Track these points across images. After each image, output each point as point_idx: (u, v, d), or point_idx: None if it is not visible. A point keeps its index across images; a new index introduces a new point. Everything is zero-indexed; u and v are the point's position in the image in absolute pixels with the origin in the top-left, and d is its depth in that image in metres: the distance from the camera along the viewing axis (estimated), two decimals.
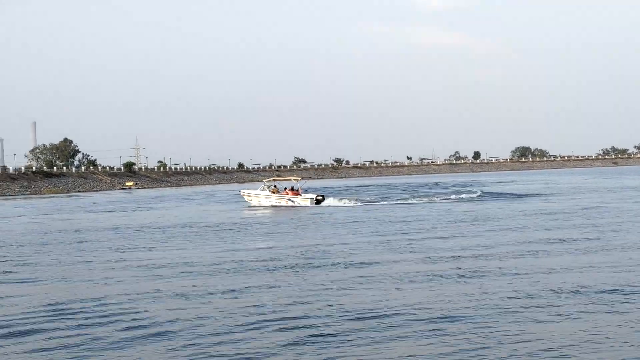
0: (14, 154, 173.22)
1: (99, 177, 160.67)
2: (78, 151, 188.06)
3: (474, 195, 63.93)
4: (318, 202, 57.77)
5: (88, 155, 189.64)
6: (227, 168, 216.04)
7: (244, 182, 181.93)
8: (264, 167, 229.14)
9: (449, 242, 27.48)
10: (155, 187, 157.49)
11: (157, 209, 60.08)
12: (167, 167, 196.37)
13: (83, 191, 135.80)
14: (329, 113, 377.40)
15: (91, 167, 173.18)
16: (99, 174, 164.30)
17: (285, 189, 61.20)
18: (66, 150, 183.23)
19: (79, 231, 38.49)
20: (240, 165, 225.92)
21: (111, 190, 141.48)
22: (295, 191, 59.80)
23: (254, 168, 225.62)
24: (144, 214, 53.65)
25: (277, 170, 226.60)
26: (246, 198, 62.44)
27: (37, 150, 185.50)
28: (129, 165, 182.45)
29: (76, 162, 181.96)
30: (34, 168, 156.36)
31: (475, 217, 39.66)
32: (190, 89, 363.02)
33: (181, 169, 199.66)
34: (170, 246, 29.42)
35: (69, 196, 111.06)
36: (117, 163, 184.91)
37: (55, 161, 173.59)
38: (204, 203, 68.79)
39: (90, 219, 49.47)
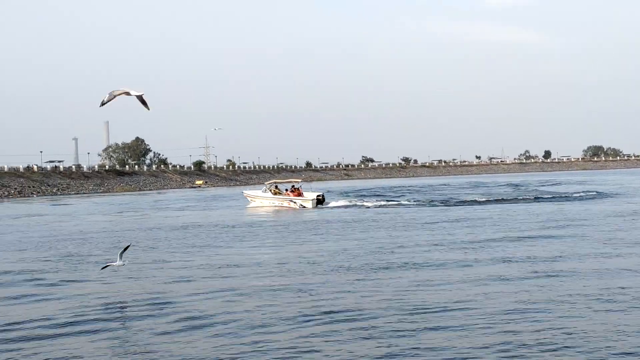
0: (88, 153, 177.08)
1: (169, 176, 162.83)
2: (149, 150, 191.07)
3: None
4: (319, 202, 57.11)
5: (159, 154, 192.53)
6: (295, 167, 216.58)
7: (312, 181, 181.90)
8: (332, 166, 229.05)
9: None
10: (224, 185, 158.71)
11: (227, 208, 60.08)
12: (236, 166, 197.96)
13: (154, 189, 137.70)
14: (398, 112, 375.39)
15: (162, 166, 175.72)
16: (169, 173, 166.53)
17: (287, 190, 60.89)
18: (138, 149, 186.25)
19: (151, 229, 38.52)
20: (308, 164, 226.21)
21: (181, 188, 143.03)
22: (296, 192, 59.32)
23: (322, 167, 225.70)
24: (215, 212, 53.68)
25: (345, 169, 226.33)
26: (249, 199, 62.57)
27: (110, 149, 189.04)
28: (198, 164, 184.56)
29: (147, 161, 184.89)
30: (107, 167, 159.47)
31: (558, 219, 38.23)
32: (258, 89, 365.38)
33: (249, 167, 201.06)
34: (241, 244, 29.12)
35: (141, 194, 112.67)
36: (187, 162, 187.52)
37: (127, 160, 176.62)
38: None
39: (161, 217, 49.66)
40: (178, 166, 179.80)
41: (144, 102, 16.37)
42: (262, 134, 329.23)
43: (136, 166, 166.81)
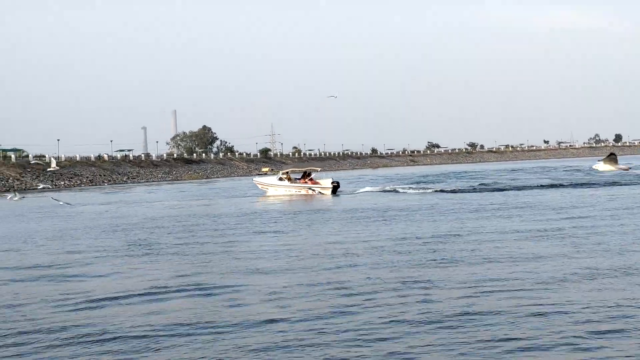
0: (157, 142, 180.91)
1: (236, 164, 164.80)
2: (216, 138, 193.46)
3: None
4: (334, 189, 57.14)
5: (226, 142, 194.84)
6: (361, 153, 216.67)
7: (377, 167, 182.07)
8: (397, 152, 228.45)
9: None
10: None
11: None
12: (302, 153, 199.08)
13: (221, 177, 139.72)
14: (464, 97, 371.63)
15: (229, 154, 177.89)
16: (236, 160, 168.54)
17: (301, 177, 60.68)
18: (205, 137, 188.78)
19: (218, 216, 39.42)
20: (374, 151, 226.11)
21: (247, 176, 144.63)
22: (311, 179, 59.59)
23: (387, 153, 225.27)
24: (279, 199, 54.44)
25: (410, 155, 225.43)
26: (260, 187, 61.67)
27: (178, 138, 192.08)
28: (264, 152, 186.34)
29: (214, 149, 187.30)
30: (175, 155, 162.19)
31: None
32: (323, 76, 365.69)
33: (315, 154, 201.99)
34: (309, 230, 29.68)
35: (208, 182, 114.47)
36: (253, 149, 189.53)
37: (194, 148, 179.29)
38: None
39: (229, 204, 50.63)
40: (244, 154, 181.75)
41: None
42: (328, 121, 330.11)
43: (203, 154, 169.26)
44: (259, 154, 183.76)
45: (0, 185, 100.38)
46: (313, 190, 57.37)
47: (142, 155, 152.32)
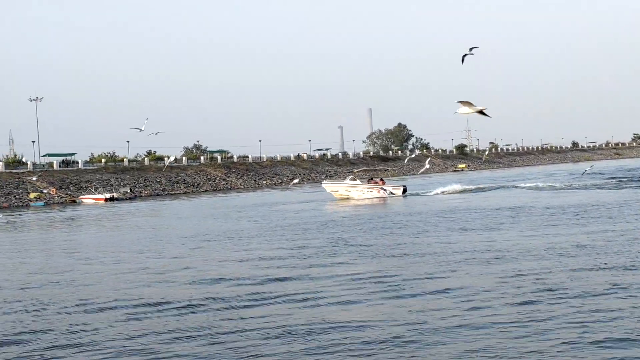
0: (353, 140, 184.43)
1: (431, 160, 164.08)
2: (412, 135, 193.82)
3: None
4: (404, 190, 58.34)
5: (421, 139, 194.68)
6: (560, 147, 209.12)
7: (579, 161, 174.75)
8: (600, 145, 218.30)
9: None
10: (487, 168, 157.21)
11: (498, 191, 59.53)
12: (499, 148, 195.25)
13: (417, 174, 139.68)
14: None
15: (424, 150, 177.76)
16: (431, 157, 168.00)
17: (371, 179, 61.32)
18: (400, 134, 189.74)
19: (418, 213, 39.52)
20: (575, 144, 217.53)
21: (443, 172, 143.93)
22: (382, 180, 60.85)
23: (589, 146, 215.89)
24: (483, 195, 53.65)
25: (614, 148, 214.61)
26: (329, 190, 60.85)
27: (374, 136, 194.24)
28: (460, 148, 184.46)
29: (410, 146, 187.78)
30: (371, 153, 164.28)
31: None
32: (523, 69, 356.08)
33: (512, 149, 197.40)
34: (504, 229, 29.10)
35: (404, 179, 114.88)
36: (449, 146, 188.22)
37: (390, 146, 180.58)
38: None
39: (422, 202, 50.56)
40: (440, 150, 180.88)
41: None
42: (526, 114, 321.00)
43: (399, 151, 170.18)
44: (454, 150, 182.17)
45: (208, 184, 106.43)
46: (385, 190, 58.51)
47: (339, 153, 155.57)
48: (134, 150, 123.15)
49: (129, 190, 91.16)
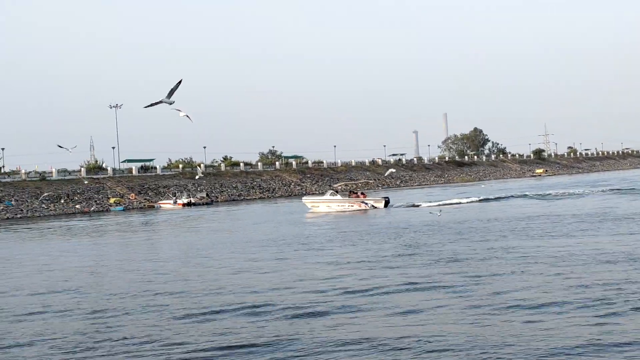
0: (428, 145, 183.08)
1: (508, 165, 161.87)
2: (487, 140, 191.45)
3: None
4: (385, 204, 57.46)
5: (497, 144, 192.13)
6: None
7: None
8: None
9: None
10: (566, 173, 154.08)
11: (568, 198, 58.24)
12: (577, 153, 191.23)
13: (493, 179, 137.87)
14: None
15: (501, 156, 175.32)
16: (508, 162, 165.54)
17: (353, 192, 60.71)
18: (476, 139, 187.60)
19: (495, 220, 38.85)
20: None
21: (520, 177, 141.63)
22: (363, 194, 60.45)
23: None
24: (559, 202, 52.48)
25: None
26: (310, 205, 59.66)
27: (449, 141, 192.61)
28: (538, 152, 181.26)
29: (486, 151, 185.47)
30: (446, 158, 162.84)
31: None
32: (602, 70, 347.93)
33: (592, 154, 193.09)
34: (581, 234, 28.29)
35: (480, 184, 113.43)
36: (526, 150, 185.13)
37: (466, 150, 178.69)
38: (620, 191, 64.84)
39: (499, 208, 49.73)
40: (517, 155, 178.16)
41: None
42: (606, 118, 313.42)
43: (475, 156, 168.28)
44: (532, 155, 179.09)
45: (283, 190, 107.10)
46: (366, 204, 57.83)
47: (414, 158, 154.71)
48: (211, 156, 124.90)
49: (205, 195, 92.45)
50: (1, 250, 38.48)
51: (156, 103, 20.44)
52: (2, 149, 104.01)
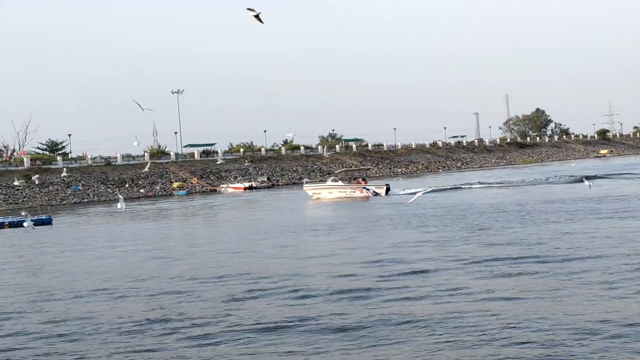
0: (489, 127, 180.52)
1: (571, 146, 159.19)
2: (550, 121, 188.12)
3: None
4: (387, 190, 56.86)
5: (560, 125, 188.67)
6: None
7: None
8: None
9: None
10: (632, 153, 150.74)
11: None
12: None
13: (556, 160, 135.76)
14: None
15: (564, 137, 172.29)
16: (571, 143, 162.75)
17: (354, 179, 60.57)
18: (538, 120, 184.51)
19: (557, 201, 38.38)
20: None
21: (584, 158, 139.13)
22: (364, 180, 60.20)
23: None
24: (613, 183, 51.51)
25: None
26: (311, 193, 58.88)
27: (511, 122, 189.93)
28: (602, 133, 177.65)
29: (548, 132, 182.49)
30: (508, 139, 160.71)
31: None
32: None
33: None
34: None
35: (543, 165, 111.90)
36: (589, 131, 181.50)
37: (528, 132, 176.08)
38: None
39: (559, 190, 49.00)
40: (580, 136, 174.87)
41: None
42: None
43: (537, 138, 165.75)
44: (596, 135, 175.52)
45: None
46: (367, 190, 57.19)
47: (475, 140, 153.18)
48: (271, 140, 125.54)
49: (266, 179, 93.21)
50: (100, 228, 39.51)
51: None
52: (69, 135, 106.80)
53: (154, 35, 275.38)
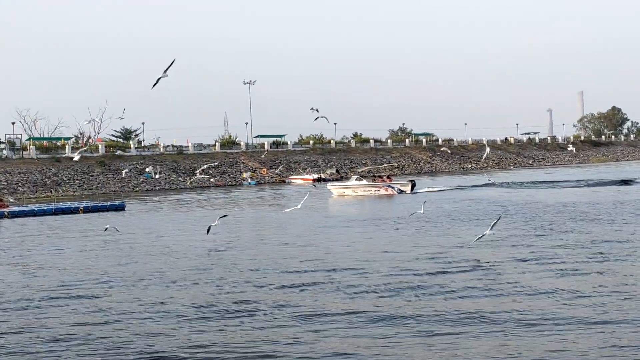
0: (563, 124, 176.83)
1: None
2: (627, 119, 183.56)
3: None
4: (412, 187, 56.84)
5: (637, 123, 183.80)
6: None
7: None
8: None
9: None
10: None
11: None
12: None
13: (632, 160, 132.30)
14: None
15: None
16: None
17: (379, 177, 60.32)
18: (614, 118, 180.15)
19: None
20: None
21: None
22: (389, 178, 60.22)
23: None
24: None
25: None
26: (335, 192, 58.24)
27: (585, 120, 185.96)
28: None
29: (624, 131, 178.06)
30: (582, 137, 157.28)
31: None
32: None
33: None
34: None
35: (616, 165, 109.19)
36: None
37: (603, 130, 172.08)
38: None
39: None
40: None
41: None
42: None
43: (612, 136, 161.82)
44: None
45: (413, 167, 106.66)
46: (392, 187, 56.72)
47: (548, 137, 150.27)
48: (341, 132, 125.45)
49: (335, 172, 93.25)
50: (177, 215, 40.26)
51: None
52: (143, 123, 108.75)
53: (225, 26, 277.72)
